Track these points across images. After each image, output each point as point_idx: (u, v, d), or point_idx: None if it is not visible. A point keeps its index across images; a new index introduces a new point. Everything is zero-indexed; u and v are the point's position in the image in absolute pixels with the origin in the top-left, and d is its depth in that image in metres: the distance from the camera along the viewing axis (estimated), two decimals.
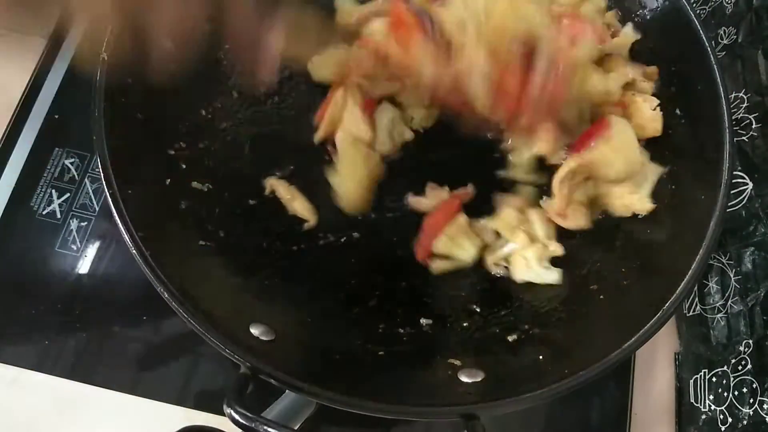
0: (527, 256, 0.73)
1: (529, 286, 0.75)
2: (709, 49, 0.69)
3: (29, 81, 0.93)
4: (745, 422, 0.69)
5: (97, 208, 0.87)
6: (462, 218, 0.75)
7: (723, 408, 0.72)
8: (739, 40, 0.83)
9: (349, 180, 0.75)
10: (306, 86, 0.82)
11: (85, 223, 0.86)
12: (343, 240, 0.79)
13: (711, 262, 0.80)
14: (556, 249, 0.72)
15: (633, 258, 0.70)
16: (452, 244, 0.75)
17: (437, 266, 0.76)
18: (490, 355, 0.67)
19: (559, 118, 0.71)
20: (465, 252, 0.76)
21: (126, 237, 0.57)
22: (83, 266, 0.83)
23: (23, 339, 0.79)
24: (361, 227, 0.78)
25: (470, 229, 0.76)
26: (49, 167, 0.88)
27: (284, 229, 0.77)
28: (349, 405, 0.53)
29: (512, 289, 0.76)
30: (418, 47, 0.66)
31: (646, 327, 0.58)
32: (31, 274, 0.83)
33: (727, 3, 0.87)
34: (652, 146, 0.75)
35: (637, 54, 0.79)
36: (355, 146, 0.76)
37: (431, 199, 0.78)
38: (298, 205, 0.78)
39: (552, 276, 0.73)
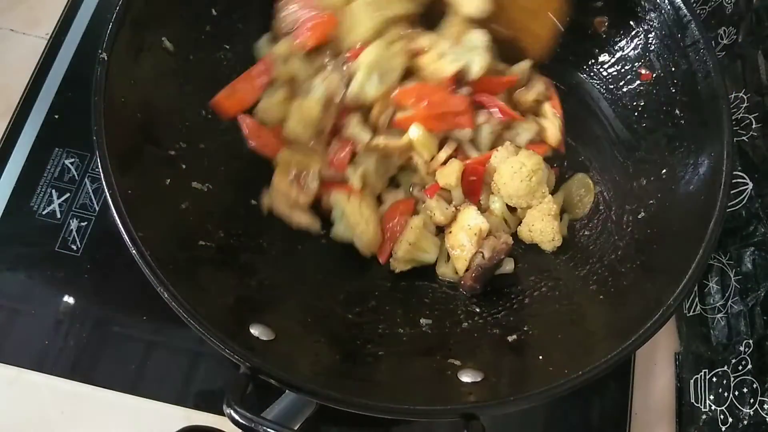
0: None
1: (530, 287, 0.75)
2: (709, 49, 0.69)
3: (29, 81, 0.93)
4: (745, 422, 0.68)
5: (97, 208, 0.87)
6: (418, 220, 0.76)
7: (723, 408, 0.72)
8: (739, 40, 0.83)
9: (361, 230, 0.75)
10: None
11: (85, 223, 0.86)
12: (344, 241, 0.79)
13: (711, 262, 0.80)
14: (507, 239, 0.76)
15: (633, 258, 0.70)
16: (415, 249, 0.76)
17: (400, 266, 0.77)
18: (490, 355, 0.67)
19: None
20: (428, 255, 0.77)
21: (126, 237, 0.57)
22: (83, 266, 0.83)
23: (23, 339, 0.79)
24: None
25: (427, 230, 0.77)
26: (49, 167, 0.88)
27: (285, 229, 0.77)
28: (349, 405, 0.53)
29: (512, 290, 0.76)
30: None
31: (646, 327, 0.58)
32: (32, 274, 0.83)
33: (727, 3, 0.87)
34: (653, 145, 0.75)
35: (636, 56, 0.79)
36: (351, 200, 0.76)
37: (388, 200, 0.80)
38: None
39: (507, 266, 0.76)
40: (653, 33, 0.77)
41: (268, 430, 0.49)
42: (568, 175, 0.83)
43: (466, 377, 0.61)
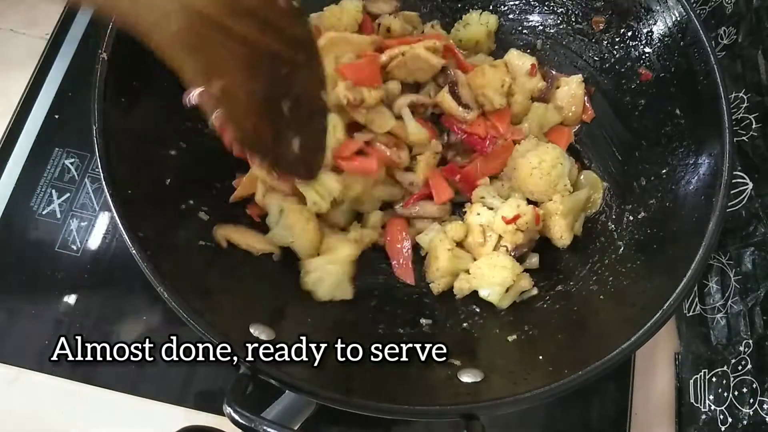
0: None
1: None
2: (709, 49, 0.69)
3: (29, 81, 0.93)
4: (745, 422, 0.68)
5: (97, 208, 0.87)
6: (442, 251, 0.75)
7: (723, 408, 0.72)
8: (739, 40, 0.83)
9: (300, 228, 0.72)
10: None
11: (85, 223, 0.86)
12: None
13: (711, 262, 0.80)
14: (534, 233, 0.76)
15: (633, 258, 0.70)
16: (453, 277, 0.75)
17: (439, 287, 0.76)
18: (490, 355, 0.67)
19: None
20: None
21: (126, 237, 0.57)
22: (83, 266, 0.83)
23: (23, 339, 0.79)
24: None
25: (454, 254, 0.76)
26: (49, 167, 0.88)
27: None
28: (349, 405, 0.54)
29: None
30: None
31: (646, 327, 0.58)
32: (32, 274, 0.83)
33: (727, 3, 0.86)
34: (653, 145, 0.75)
35: (636, 56, 0.79)
36: (290, 200, 0.74)
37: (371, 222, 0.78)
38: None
39: (532, 260, 0.77)
40: (653, 33, 0.77)
41: (268, 430, 0.49)
42: None
43: (466, 377, 0.61)
